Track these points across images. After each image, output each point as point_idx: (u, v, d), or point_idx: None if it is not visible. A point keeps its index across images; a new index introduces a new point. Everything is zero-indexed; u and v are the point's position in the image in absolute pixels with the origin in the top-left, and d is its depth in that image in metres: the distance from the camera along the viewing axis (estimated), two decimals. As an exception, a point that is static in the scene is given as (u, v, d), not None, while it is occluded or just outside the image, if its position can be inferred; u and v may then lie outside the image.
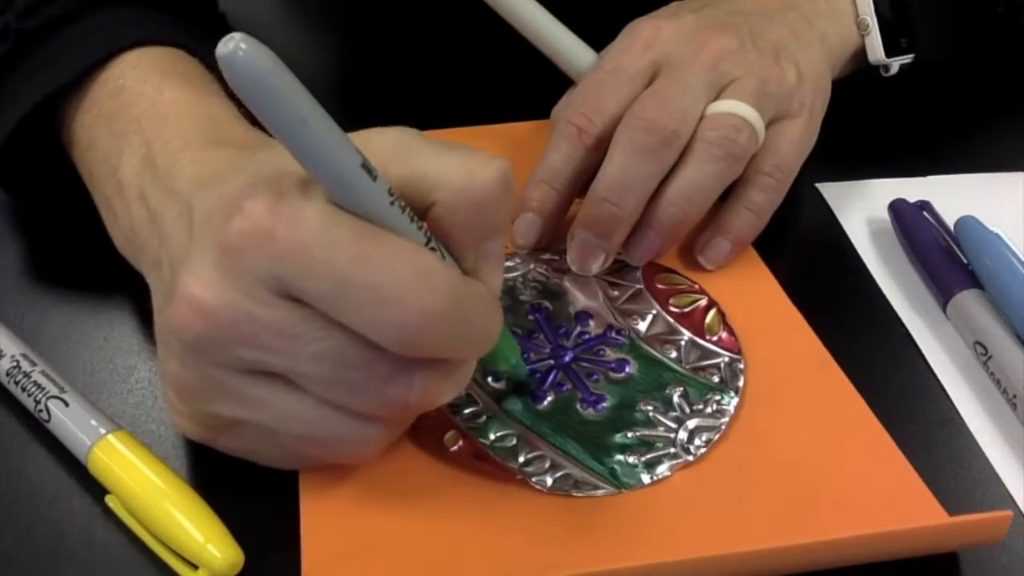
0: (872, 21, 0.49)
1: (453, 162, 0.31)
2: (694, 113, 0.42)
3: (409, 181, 0.31)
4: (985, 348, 0.40)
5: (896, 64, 0.51)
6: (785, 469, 0.36)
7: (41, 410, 0.37)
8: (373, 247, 0.29)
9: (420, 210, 0.31)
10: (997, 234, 0.43)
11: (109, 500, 0.35)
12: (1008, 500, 0.36)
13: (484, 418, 0.37)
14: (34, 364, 0.38)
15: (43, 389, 0.37)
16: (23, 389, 0.38)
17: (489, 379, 0.39)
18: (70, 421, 0.36)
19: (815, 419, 0.38)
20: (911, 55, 0.51)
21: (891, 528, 0.33)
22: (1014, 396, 0.39)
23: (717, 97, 0.43)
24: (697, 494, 0.35)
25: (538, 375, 0.39)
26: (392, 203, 0.30)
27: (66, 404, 0.37)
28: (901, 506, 0.35)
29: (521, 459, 0.36)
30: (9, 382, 0.38)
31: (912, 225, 0.46)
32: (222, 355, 0.31)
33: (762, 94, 0.44)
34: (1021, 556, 0.34)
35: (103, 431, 0.36)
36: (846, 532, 0.33)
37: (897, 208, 0.47)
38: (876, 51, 0.50)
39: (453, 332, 0.30)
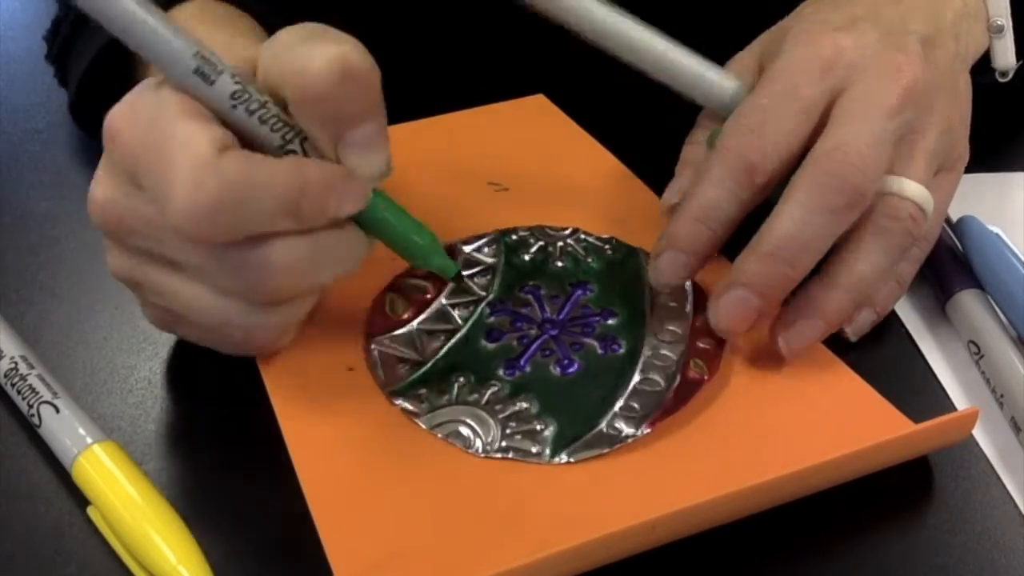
0: (1007, 23, 0.46)
1: (298, 55, 0.33)
2: (881, 174, 0.38)
3: (275, 76, 0.34)
4: (978, 347, 0.40)
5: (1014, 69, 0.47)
6: (756, 414, 0.37)
7: (33, 415, 0.37)
8: (169, 145, 0.32)
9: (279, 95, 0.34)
10: (997, 234, 0.43)
11: (90, 511, 0.35)
12: (1008, 499, 0.36)
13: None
14: (31, 367, 0.38)
15: (37, 393, 0.37)
16: (19, 392, 0.38)
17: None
18: (58, 428, 0.36)
19: (777, 363, 0.39)
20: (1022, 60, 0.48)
21: (867, 444, 0.35)
22: (1001, 395, 0.39)
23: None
24: (679, 447, 0.36)
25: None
26: (235, 106, 0.33)
27: (56, 410, 0.37)
28: (872, 423, 0.37)
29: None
30: (7, 384, 0.38)
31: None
32: (124, 243, 0.35)
33: (934, 157, 0.40)
34: (1021, 556, 0.34)
35: (90, 440, 0.36)
36: (826, 456, 0.34)
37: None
38: (1007, 55, 0.46)
39: (233, 219, 0.32)
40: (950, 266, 0.44)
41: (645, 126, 0.48)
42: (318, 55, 0.32)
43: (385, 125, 0.35)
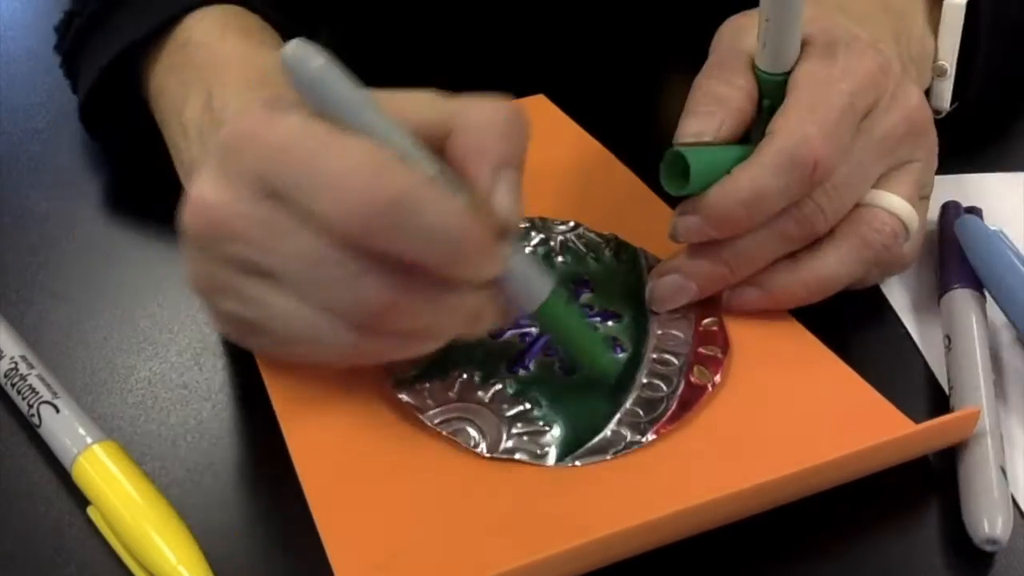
0: (951, 68, 0.48)
1: (473, 101, 0.35)
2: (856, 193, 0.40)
3: (436, 122, 0.35)
4: (950, 340, 0.41)
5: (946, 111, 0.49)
6: (757, 415, 0.37)
7: (33, 415, 0.37)
8: (339, 141, 0.32)
9: (441, 141, 0.35)
10: (997, 233, 0.43)
11: (90, 511, 0.35)
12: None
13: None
14: (31, 367, 0.38)
15: (37, 393, 0.37)
16: (19, 392, 0.38)
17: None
18: (58, 428, 0.36)
19: (778, 364, 0.39)
20: (956, 103, 0.49)
21: (868, 444, 0.35)
22: (951, 388, 0.39)
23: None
24: (680, 448, 0.36)
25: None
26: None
27: (56, 410, 0.37)
28: (872, 424, 0.37)
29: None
30: (7, 384, 0.38)
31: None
32: (220, 251, 0.34)
33: (920, 186, 0.41)
34: (1021, 556, 0.34)
35: (89, 440, 0.36)
36: (827, 456, 0.34)
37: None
38: (943, 98, 0.48)
39: (405, 225, 0.32)
40: (949, 264, 0.44)
41: (645, 126, 0.48)
42: (497, 100, 0.35)
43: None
